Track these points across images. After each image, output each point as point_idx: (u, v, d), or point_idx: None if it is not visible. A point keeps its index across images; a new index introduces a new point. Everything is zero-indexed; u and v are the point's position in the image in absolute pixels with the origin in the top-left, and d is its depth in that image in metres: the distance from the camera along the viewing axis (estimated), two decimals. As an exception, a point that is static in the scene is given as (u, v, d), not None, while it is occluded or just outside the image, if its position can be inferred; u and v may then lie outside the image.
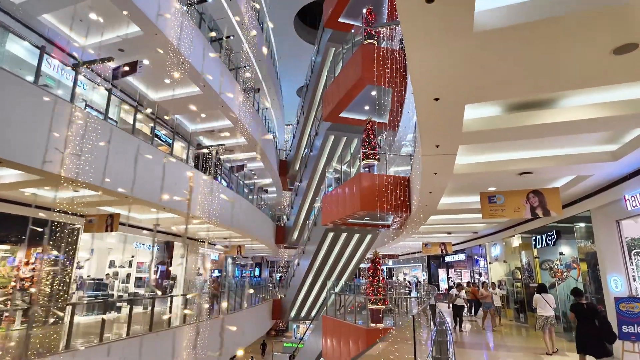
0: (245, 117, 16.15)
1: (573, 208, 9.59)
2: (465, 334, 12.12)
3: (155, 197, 10.41)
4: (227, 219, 14.74)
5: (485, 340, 11.26)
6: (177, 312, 13.30)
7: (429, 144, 5.96)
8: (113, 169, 8.83)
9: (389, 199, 12.48)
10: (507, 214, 7.75)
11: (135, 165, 9.68)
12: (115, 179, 8.93)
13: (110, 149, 8.82)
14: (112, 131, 9.06)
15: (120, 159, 9.13)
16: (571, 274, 11.57)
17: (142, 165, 9.98)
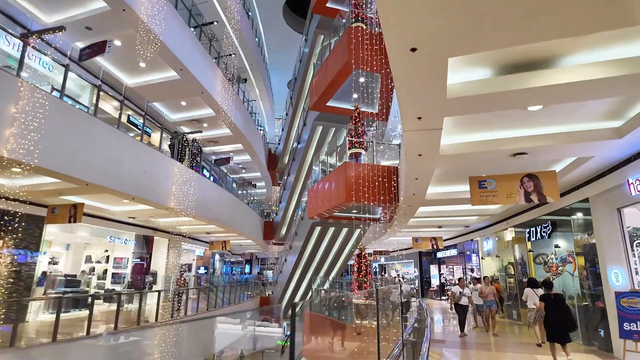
0: (229, 106, 15.31)
1: (571, 196, 8.84)
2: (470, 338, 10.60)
3: (121, 185, 9.56)
4: (206, 211, 13.90)
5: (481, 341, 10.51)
6: (152, 309, 12.49)
7: (410, 115, 5.16)
8: (69, 152, 7.97)
9: (376, 189, 11.72)
10: (499, 200, 6.98)
11: (97, 149, 8.83)
12: (72, 164, 8.07)
13: (66, 130, 7.97)
14: (69, 111, 8.20)
15: (78, 142, 8.26)
16: (567, 268, 10.84)
17: (106, 151, 9.13)
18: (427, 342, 4.99)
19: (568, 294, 10.62)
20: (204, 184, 13.93)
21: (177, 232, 16.27)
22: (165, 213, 12.83)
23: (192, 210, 12.04)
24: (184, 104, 15.13)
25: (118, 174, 9.46)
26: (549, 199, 6.69)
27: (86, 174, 8.44)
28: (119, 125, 9.96)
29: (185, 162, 12.80)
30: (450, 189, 10.17)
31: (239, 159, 21.15)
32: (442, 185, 10.04)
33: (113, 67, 12.67)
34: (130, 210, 13.40)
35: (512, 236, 13.16)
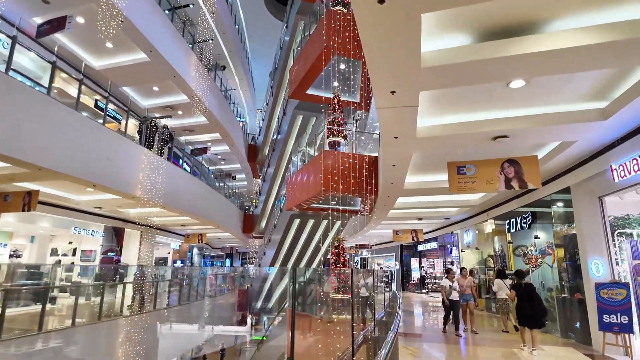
0: (204, 92, 14.58)
1: (551, 185, 8.52)
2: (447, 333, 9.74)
3: (80, 172, 8.81)
4: (177, 202, 13.20)
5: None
6: (119, 303, 11.78)
7: (383, 88, 4.65)
8: (19, 133, 7.22)
9: (355, 180, 11.27)
10: (478, 187, 6.58)
11: (53, 132, 8.08)
12: (22, 146, 7.32)
13: (17, 110, 7.21)
14: (20, 90, 7.42)
15: (31, 123, 7.50)
16: (546, 260, 10.61)
17: (64, 134, 8.37)
18: (393, 332, 4.66)
19: (547, 286, 10.39)
20: (175, 173, 13.22)
21: (149, 223, 15.50)
22: (133, 203, 12.09)
23: (161, 200, 11.34)
24: (156, 90, 14.35)
25: (77, 159, 8.71)
26: (530, 185, 6.31)
27: (39, 158, 7.69)
28: (77, 106, 9.18)
29: (155, 149, 12.06)
30: (429, 177, 9.77)
31: (218, 149, 20.41)
32: (421, 174, 9.63)
33: (78, 47, 11.84)
34: (96, 200, 12.60)
35: (492, 228, 12.91)
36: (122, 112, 12.47)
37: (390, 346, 4.18)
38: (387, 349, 4.03)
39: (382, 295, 10.56)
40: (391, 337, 4.56)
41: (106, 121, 11.28)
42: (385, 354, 3.91)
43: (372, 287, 8.13)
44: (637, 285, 6.81)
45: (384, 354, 3.92)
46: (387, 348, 4.04)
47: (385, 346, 4.14)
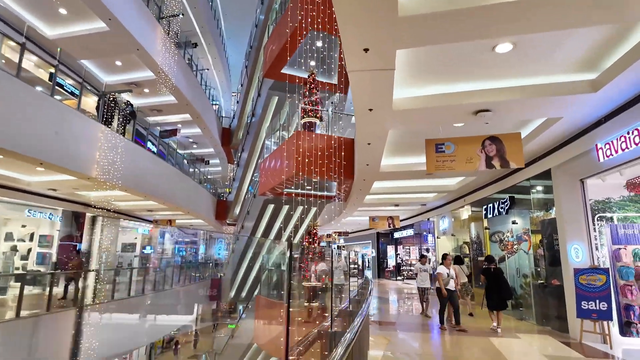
0: (171, 67, 13.54)
1: (531, 168, 8.13)
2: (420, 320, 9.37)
3: (21, 147, 7.81)
4: (140, 184, 12.25)
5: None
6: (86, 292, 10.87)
7: (355, 45, 3.99)
8: None
9: (330, 163, 10.65)
10: (457, 166, 6.07)
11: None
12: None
13: None
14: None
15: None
16: (522, 246, 10.35)
17: (1, 105, 7.35)
18: (361, 316, 4.20)
19: (522, 272, 10.14)
20: (138, 154, 12.23)
21: (111, 208, 14.46)
22: (91, 185, 11.08)
23: (119, 182, 10.40)
24: (119, 65, 13.21)
25: (17, 133, 7.70)
26: (513, 165, 5.85)
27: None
28: (18, 73, 8.11)
29: (114, 127, 11.05)
30: (407, 160, 9.25)
31: (189, 131, 19.36)
32: (398, 156, 9.09)
33: (27, 12, 10.65)
34: (50, 181, 11.51)
35: (468, 214, 12.60)
36: (85, 90, 11.37)
37: (356, 332, 3.60)
38: (352, 334, 3.47)
39: (352, 283, 10.06)
40: (358, 322, 4.06)
41: (67, 98, 10.27)
42: (350, 338, 3.32)
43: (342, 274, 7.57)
44: (616, 271, 6.51)
45: (349, 338, 3.34)
46: (352, 333, 3.46)
47: (351, 331, 3.58)
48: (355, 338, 2.72)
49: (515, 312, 9.83)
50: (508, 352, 6.15)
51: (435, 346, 6.87)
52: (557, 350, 6.25)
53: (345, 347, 2.51)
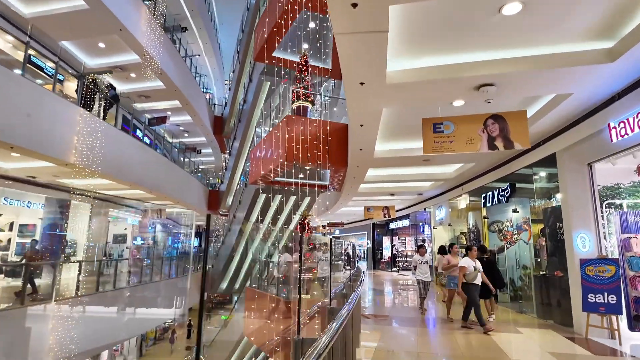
0: (157, 50, 12.84)
1: (534, 153, 7.60)
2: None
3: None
4: (124, 172, 11.64)
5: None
6: (69, 284, 10.36)
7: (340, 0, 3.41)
8: None
9: (323, 149, 10.10)
10: (457, 147, 5.53)
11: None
12: None
13: None
14: None
15: None
16: (521, 236, 9.88)
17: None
18: (348, 305, 3.83)
19: (522, 263, 9.69)
20: (121, 140, 11.59)
21: (97, 196, 13.88)
22: (73, 172, 10.47)
23: (99, 168, 9.80)
24: (102, 47, 12.51)
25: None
26: (517, 145, 5.30)
27: None
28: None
29: (95, 111, 10.41)
30: (402, 145, 8.70)
31: (179, 119, 18.71)
32: (393, 141, 8.54)
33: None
34: (27, 168, 10.89)
35: (466, 203, 12.11)
36: (64, 72, 10.70)
37: (340, 325, 3.06)
38: (338, 323, 2.92)
39: (340, 275, 9.54)
40: (345, 311, 3.59)
41: (46, 82, 9.62)
42: (336, 328, 2.79)
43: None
44: (625, 261, 6.03)
45: (335, 327, 2.80)
46: (339, 321, 2.91)
47: (338, 319, 3.05)
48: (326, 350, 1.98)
49: (514, 304, 9.39)
50: (510, 348, 5.67)
51: (432, 342, 6.40)
52: (562, 346, 5.78)
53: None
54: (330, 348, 2.16)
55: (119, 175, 11.33)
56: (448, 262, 8.23)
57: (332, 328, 2.47)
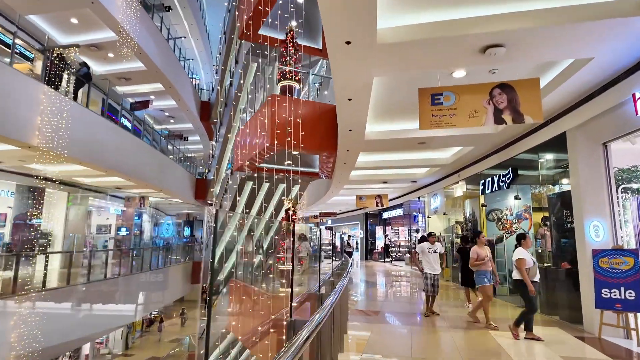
0: (134, 27, 11.84)
1: (541, 133, 6.83)
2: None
3: None
4: (97, 156, 10.74)
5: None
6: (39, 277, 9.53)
7: None
8: None
9: (312, 132, 9.29)
10: (458, 121, 4.75)
11: None
12: None
13: None
14: None
15: None
16: (522, 225, 9.20)
17: None
18: (335, 294, 3.71)
19: (522, 254, 9.02)
20: (93, 121, 10.66)
21: (73, 183, 13.00)
22: (34, 155, 9.56)
23: (65, 151, 8.90)
24: (75, 22, 11.48)
25: None
26: (528, 119, 4.54)
27: None
28: None
29: (63, 89, 9.46)
30: (395, 126, 7.89)
31: (163, 104, 17.70)
32: (385, 122, 7.74)
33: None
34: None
35: (462, 191, 11.39)
36: (30, 49, 9.71)
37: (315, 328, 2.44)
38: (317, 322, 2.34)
39: (325, 266, 8.81)
40: (330, 301, 2.91)
41: (19, 61, 8.70)
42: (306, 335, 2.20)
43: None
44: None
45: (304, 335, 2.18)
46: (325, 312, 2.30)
47: (323, 310, 2.44)
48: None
49: (514, 297, 8.72)
50: (514, 350, 4.98)
51: (425, 343, 5.69)
52: (573, 348, 5.10)
53: None
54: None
55: (91, 160, 10.43)
56: (477, 255, 6.52)
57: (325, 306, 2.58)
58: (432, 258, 7.32)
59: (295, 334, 2.21)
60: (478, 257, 6.51)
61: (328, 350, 3.44)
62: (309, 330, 2.29)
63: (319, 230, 11.79)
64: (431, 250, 7.39)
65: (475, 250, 6.61)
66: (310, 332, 2.27)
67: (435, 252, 7.42)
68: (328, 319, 3.17)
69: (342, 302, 5.29)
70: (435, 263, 7.29)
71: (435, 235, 7.90)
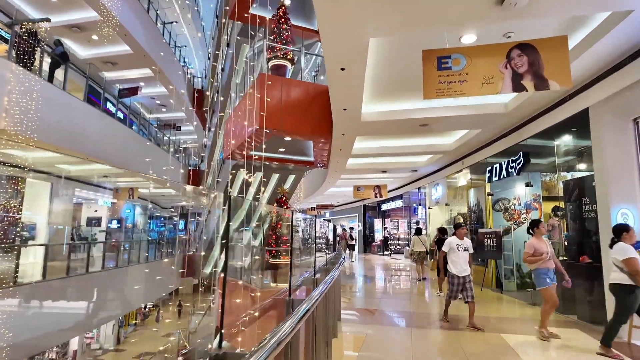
0: (117, 5, 11.00)
1: (558, 111, 6.05)
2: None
3: None
4: (75, 141, 9.96)
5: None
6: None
7: None
8: None
9: (305, 116, 8.54)
10: (470, 88, 3.99)
11: None
12: None
13: None
14: None
15: None
16: (531, 215, 8.46)
17: None
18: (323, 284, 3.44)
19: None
20: (69, 104, 9.85)
21: (57, 172, 12.22)
22: (20, 143, 8.78)
23: (35, 135, 8.12)
24: (54, 0, 10.68)
25: None
26: (553, 85, 3.77)
27: None
28: None
29: (36, 69, 8.66)
30: (394, 106, 7.11)
31: (154, 91, 16.86)
32: (384, 101, 6.96)
33: None
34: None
35: (466, 180, 10.64)
36: (3, 26, 8.88)
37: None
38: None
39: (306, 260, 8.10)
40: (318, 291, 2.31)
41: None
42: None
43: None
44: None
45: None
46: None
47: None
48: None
49: (522, 294, 8.00)
50: (532, 357, 4.25)
51: (432, 345, 4.97)
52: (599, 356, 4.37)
53: None
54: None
55: (67, 145, 9.66)
56: (534, 250, 5.01)
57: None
58: (462, 257, 5.74)
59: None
60: (535, 252, 4.98)
61: (322, 334, 3.48)
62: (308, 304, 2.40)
63: (304, 220, 11.05)
64: (461, 247, 5.77)
65: (531, 244, 5.06)
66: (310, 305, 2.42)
67: (466, 251, 5.79)
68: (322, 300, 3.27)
69: (336, 289, 5.02)
70: (465, 263, 5.73)
71: (464, 227, 6.22)
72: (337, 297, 5.85)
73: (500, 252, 8.17)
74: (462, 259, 5.73)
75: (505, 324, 5.88)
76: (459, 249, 5.76)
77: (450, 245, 5.87)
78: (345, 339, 5.10)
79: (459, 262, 5.72)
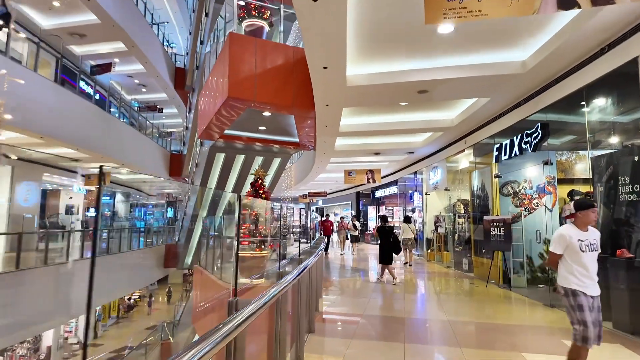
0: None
1: (594, 65, 4.74)
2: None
3: None
4: (27, 119, 8.59)
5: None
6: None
7: None
8: None
9: (286, 84, 7.21)
10: (491, 8, 2.66)
11: None
12: None
13: None
14: None
15: None
16: (544, 201, 7.23)
17: None
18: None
19: (545, 237, 7.08)
20: (16, 75, 8.45)
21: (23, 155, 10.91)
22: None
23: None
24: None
25: None
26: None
27: None
28: None
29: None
30: (385, 67, 5.77)
31: (130, 68, 15.37)
32: (372, 61, 5.61)
33: None
34: None
35: (469, 161, 9.36)
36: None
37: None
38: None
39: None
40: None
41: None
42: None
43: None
44: None
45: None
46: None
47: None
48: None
49: (532, 291, 6.80)
50: None
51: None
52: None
53: None
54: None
55: (21, 124, 8.31)
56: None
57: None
58: (590, 261, 3.01)
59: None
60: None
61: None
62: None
63: (282, 207, 9.76)
64: (586, 245, 3.00)
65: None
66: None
67: (595, 251, 3.03)
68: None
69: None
70: (594, 271, 3.02)
71: (596, 207, 3.11)
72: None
73: (508, 243, 6.94)
74: (590, 263, 2.99)
75: (521, 335, 4.65)
76: (583, 248, 2.99)
77: (567, 240, 3.02)
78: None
79: (584, 269, 2.98)
